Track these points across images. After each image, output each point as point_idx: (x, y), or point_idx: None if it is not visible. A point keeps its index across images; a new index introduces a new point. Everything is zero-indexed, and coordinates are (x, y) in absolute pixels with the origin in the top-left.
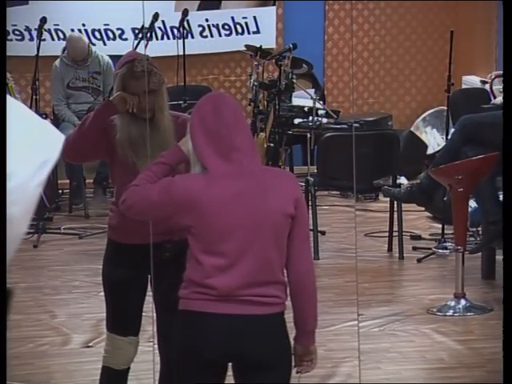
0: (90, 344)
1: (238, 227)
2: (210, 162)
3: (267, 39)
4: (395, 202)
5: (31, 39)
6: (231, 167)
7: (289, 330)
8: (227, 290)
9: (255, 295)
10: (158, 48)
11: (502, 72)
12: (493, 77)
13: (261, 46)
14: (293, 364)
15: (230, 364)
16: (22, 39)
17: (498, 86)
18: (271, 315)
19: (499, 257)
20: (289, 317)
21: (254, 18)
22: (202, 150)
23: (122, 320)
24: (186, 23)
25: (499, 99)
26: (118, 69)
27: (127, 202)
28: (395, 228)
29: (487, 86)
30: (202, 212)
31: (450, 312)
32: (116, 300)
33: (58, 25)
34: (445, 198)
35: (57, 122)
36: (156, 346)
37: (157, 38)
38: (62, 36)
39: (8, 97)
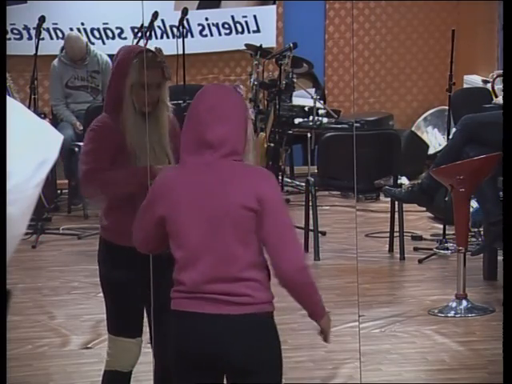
0: (89, 345)
1: (200, 220)
2: (182, 155)
3: (267, 38)
4: (396, 203)
5: (30, 38)
6: (198, 161)
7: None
8: (193, 286)
9: (222, 293)
10: (159, 46)
11: (502, 71)
12: (494, 76)
13: (261, 45)
14: (279, 369)
15: None
16: (21, 38)
17: (499, 86)
18: (242, 316)
19: (501, 257)
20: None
21: (254, 16)
22: (181, 142)
23: (130, 322)
24: (185, 22)
25: (501, 99)
26: (128, 59)
27: (135, 243)
28: (396, 228)
29: (489, 86)
30: (170, 203)
31: (452, 313)
32: (120, 302)
33: (56, 24)
34: (446, 199)
35: (55, 122)
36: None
37: (156, 37)
38: (60, 35)
39: (7, 97)
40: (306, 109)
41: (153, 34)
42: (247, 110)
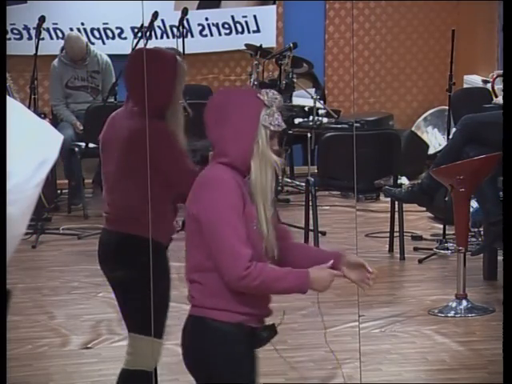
0: (89, 345)
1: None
2: None
3: (267, 38)
4: (396, 203)
5: (30, 38)
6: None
7: None
8: None
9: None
10: (159, 45)
11: (502, 71)
12: (495, 76)
13: (261, 45)
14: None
15: None
16: (21, 38)
17: (499, 86)
18: (189, 315)
19: (501, 257)
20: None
21: (254, 16)
22: None
23: (159, 322)
24: (185, 22)
25: (501, 98)
26: (173, 61)
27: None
28: (396, 228)
29: (489, 86)
30: None
31: (452, 313)
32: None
33: (56, 24)
34: (446, 199)
35: (55, 122)
36: None
37: (156, 37)
38: (60, 35)
39: (7, 97)
40: (306, 109)
41: (153, 33)
42: (257, 114)
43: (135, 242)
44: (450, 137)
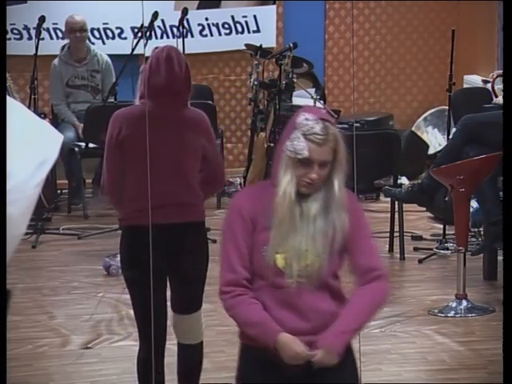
0: (89, 345)
1: None
2: None
3: (267, 38)
4: (396, 203)
5: (30, 38)
6: None
7: None
8: None
9: None
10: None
11: (502, 71)
12: (495, 76)
13: (261, 45)
14: None
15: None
16: (21, 38)
17: (499, 86)
18: None
19: (501, 257)
20: None
21: (254, 16)
22: None
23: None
24: (185, 22)
25: (501, 98)
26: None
27: None
28: (396, 228)
29: (489, 86)
30: None
31: (452, 313)
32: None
33: (56, 24)
34: (446, 199)
35: (56, 122)
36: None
37: (156, 37)
38: (60, 35)
39: (7, 97)
40: None
41: (153, 33)
42: (287, 136)
43: (199, 227)
44: (450, 137)
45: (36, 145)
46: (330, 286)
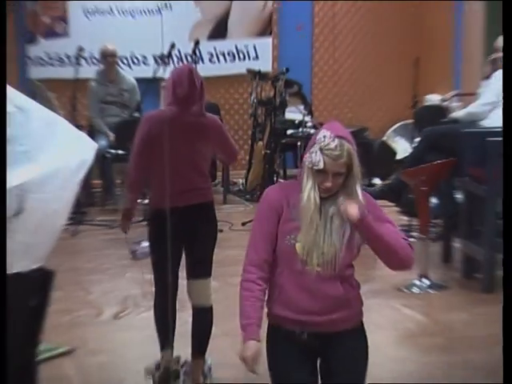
0: (119, 315)
1: None
2: None
3: (264, 64)
4: None
5: (70, 64)
6: None
7: None
8: None
9: None
10: None
11: (457, 91)
12: (450, 95)
13: (259, 70)
14: None
15: None
16: (64, 65)
17: (454, 103)
18: None
19: (455, 244)
20: None
21: (254, 46)
22: None
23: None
24: (197, 51)
25: (455, 114)
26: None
27: None
28: None
29: (446, 103)
30: None
31: (416, 289)
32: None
33: (92, 53)
34: (411, 196)
35: (92, 132)
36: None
37: (173, 63)
38: (95, 62)
39: (54, 114)
40: (296, 122)
41: (171, 60)
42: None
43: (209, 206)
44: (414, 145)
45: (75, 151)
46: (343, 275)
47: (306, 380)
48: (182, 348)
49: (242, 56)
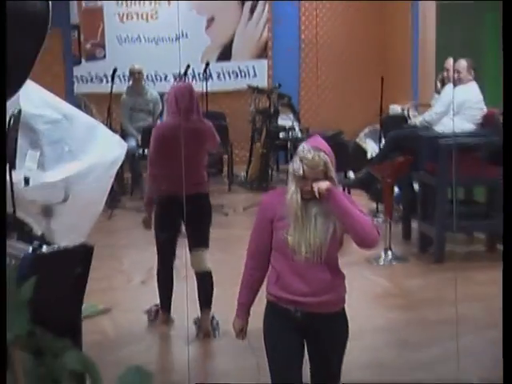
0: (145, 281)
1: None
2: None
3: (261, 81)
4: (346, 188)
5: (107, 82)
6: None
7: None
8: None
9: None
10: None
11: (415, 102)
12: (409, 105)
13: (257, 86)
14: None
15: None
16: (102, 82)
17: (412, 113)
18: None
19: (413, 224)
20: None
21: (253, 66)
22: None
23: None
24: (208, 70)
25: (413, 121)
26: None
27: None
28: None
29: (405, 112)
30: None
31: (382, 261)
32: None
33: (124, 72)
34: (378, 186)
35: (124, 135)
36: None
37: (189, 80)
38: (127, 79)
39: (94, 120)
40: (287, 127)
41: (186, 78)
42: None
43: (205, 196)
44: (381, 146)
45: (110, 150)
46: (329, 262)
47: (294, 351)
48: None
49: (243, 74)
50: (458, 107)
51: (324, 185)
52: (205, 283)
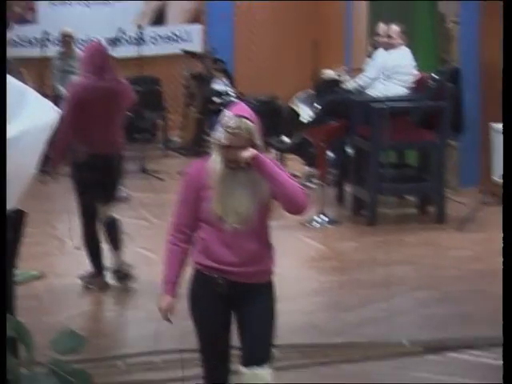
0: (79, 247)
1: None
2: None
3: (196, 46)
4: (280, 153)
5: (38, 46)
6: None
7: None
8: None
9: None
10: (123, 50)
11: (347, 67)
12: (341, 70)
13: (192, 51)
14: None
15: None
16: (32, 46)
17: (344, 77)
18: None
19: (346, 188)
20: None
21: (188, 31)
22: None
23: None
24: (140, 34)
25: (346, 85)
26: None
27: None
28: None
29: (338, 77)
30: None
31: (316, 224)
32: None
33: (55, 36)
34: (312, 150)
35: (56, 100)
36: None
37: (122, 45)
38: (56, 42)
39: (25, 85)
40: (221, 92)
41: (119, 42)
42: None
43: (119, 156)
44: (315, 110)
45: (42, 115)
46: (258, 232)
47: (220, 319)
48: None
49: (177, 39)
50: (389, 72)
51: (248, 153)
52: (112, 228)
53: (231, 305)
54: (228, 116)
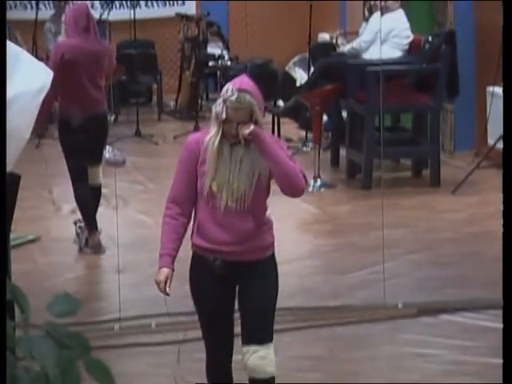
0: (74, 210)
1: None
2: None
3: (190, 8)
4: (275, 117)
5: (32, 8)
6: None
7: None
8: None
9: None
10: (117, 14)
11: (343, 30)
12: (337, 34)
13: (186, 14)
14: None
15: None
16: (26, 9)
17: (340, 41)
18: None
19: (341, 151)
20: None
21: None
22: None
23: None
24: None
25: (341, 49)
26: None
27: None
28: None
29: (333, 40)
30: None
31: (311, 188)
32: None
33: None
34: (308, 114)
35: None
36: None
37: (116, 8)
38: (49, 7)
39: (19, 48)
40: (216, 56)
41: (113, 5)
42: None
43: (102, 115)
44: (310, 74)
45: (35, 78)
46: (254, 211)
47: (220, 301)
48: None
49: (171, 2)
50: (385, 35)
51: (248, 129)
52: (97, 195)
53: (232, 285)
54: (230, 89)
